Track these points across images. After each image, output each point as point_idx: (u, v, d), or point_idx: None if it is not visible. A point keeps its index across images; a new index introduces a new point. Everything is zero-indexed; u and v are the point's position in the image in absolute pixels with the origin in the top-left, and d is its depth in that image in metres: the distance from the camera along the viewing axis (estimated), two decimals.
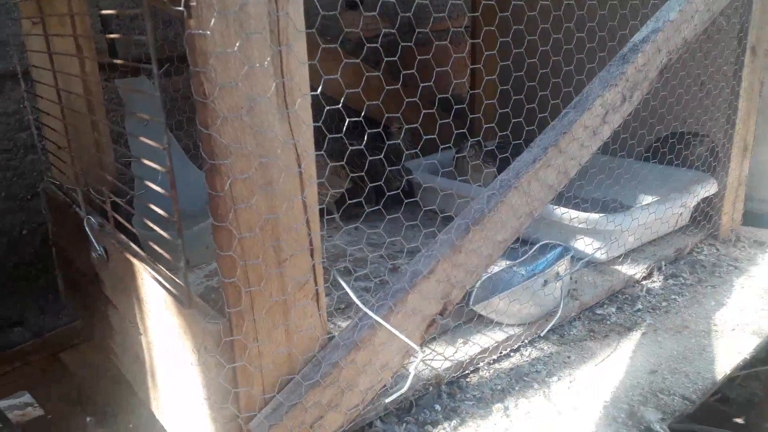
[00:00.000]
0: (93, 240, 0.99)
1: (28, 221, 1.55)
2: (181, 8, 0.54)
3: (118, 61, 0.70)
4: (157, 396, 0.95)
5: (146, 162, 0.74)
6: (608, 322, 1.14)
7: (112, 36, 1.44)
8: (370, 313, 0.77)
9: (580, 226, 1.21)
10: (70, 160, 1.05)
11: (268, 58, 0.60)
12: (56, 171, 1.23)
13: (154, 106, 1.43)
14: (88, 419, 1.22)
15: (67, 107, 0.98)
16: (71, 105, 1.01)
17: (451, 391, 0.94)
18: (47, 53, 0.94)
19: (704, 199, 1.39)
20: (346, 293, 1.13)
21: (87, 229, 1.00)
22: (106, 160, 0.97)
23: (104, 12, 0.69)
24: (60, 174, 1.22)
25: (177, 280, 0.79)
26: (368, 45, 1.69)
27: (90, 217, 1.01)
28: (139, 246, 0.93)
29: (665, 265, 1.33)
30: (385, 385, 0.84)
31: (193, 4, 0.54)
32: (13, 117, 1.48)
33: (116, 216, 0.89)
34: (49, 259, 1.54)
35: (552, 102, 0.97)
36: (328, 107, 0.79)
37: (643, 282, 1.28)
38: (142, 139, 0.72)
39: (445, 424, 0.87)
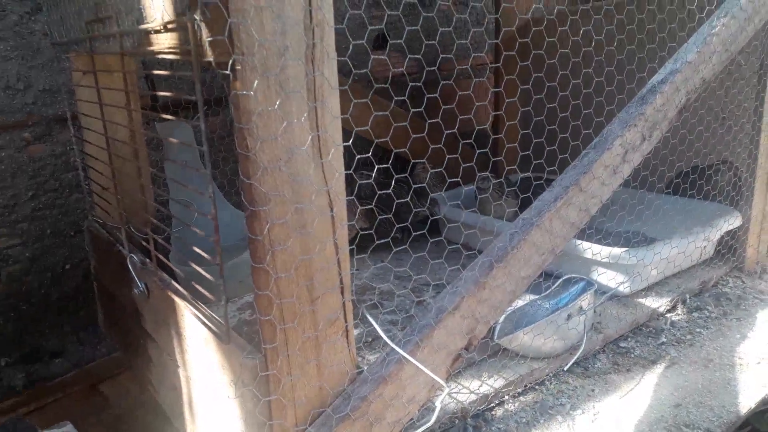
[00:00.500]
0: (135, 277, 1.05)
1: (71, 257, 1.63)
2: (227, 72, 0.60)
3: (166, 94, 0.76)
4: (194, 427, 0.99)
5: (186, 203, 0.79)
6: (632, 355, 1.15)
7: (160, 94, 1.53)
8: (398, 349, 0.80)
9: (603, 260, 1.23)
10: (114, 201, 1.12)
11: (305, 114, 0.65)
12: (100, 210, 1.31)
13: (191, 149, 1.50)
14: None
15: (113, 153, 1.05)
16: (117, 151, 1.08)
17: (476, 424, 0.97)
18: (98, 104, 1.02)
19: (728, 232, 1.40)
20: (383, 323, 1.18)
21: (129, 266, 1.06)
22: (149, 202, 1.03)
23: (156, 72, 0.75)
24: (103, 213, 1.29)
25: (215, 316, 0.83)
26: (392, 83, 1.76)
27: (133, 255, 1.07)
28: (177, 282, 0.99)
29: (690, 298, 1.34)
30: (411, 418, 0.87)
31: (239, 68, 0.60)
32: (60, 158, 1.57)
33: (158, 255, 0.95)
34: (89, 294, 1.62)
35: (572, 143, 1.01)
36: (358, 156, 0.84)
37: (668, 315, 1.29)
38: (185, 185, 0.77)
39: None
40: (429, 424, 0.86)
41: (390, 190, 0.81)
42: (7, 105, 1.47)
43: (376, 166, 0.75)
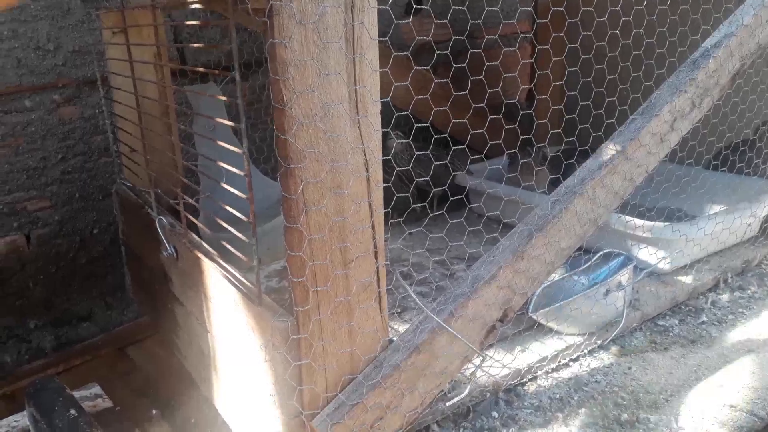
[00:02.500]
0: (164, 239, 1.03)
1: (99, 221, 1.63)
2: (265, 19, 0.56)
3: (199, 69, 0.73)
4: (220, 391, 0.98)
5: (218, 163, 0.77)
6: (671, 334, 1.11)
7: (195, 45, 1.50)
8: (433, 316, 0.78)
9: (644, 235, 1.18)
10: (144, 162, 1.10)
11: (343, 66, 0.62)
12: (129, 173, 1.30)
13: (220, 112, 1.48)
14: (153, 412, 1.27)
15: (143, 111, 1.03)
16: (147, 110, 1.06)
17: (508, 399, 0.94)
18: (128, 61, 0.99)
19: None
20: (406, 296, 1.15)
21: (158, 228, 1.04)
22: (179, 161, 1.01)
23: (190, 23, 0.72)
24: (132, 176, 1.28)
25: (245, 279, 0.81)
26: (429, 50, 1.70)
27: (162, 217, 1.05)
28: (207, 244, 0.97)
29: (732, 277, 1.29)
30: (443, 390, 0.85)
31: (276, 14, 0.56)
32: (90, 122, 1.56)
33: (188, 216, 0.93)
34: (117, 258, 1.62)
35: (619, 108, 0.96)
36: (397, 113, 0.81)
37: (708, 294, 1.24)
38: (219, 143, 0.75)
39: (503, 431, 0.87)
40: (462, 396, 0.83)
41: (429, 151, 0.78)
42: (37, 66, 1.46)
43: (415, 126, 0.71)
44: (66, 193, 1.57)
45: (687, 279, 1.24)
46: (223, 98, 0.70)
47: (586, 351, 1.05)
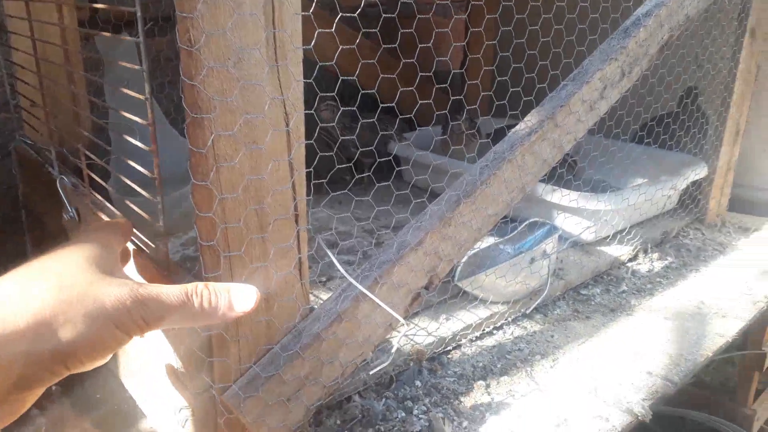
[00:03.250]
0: (65, 201, 0.95)
1: None
2: None
3: (103, 6, 0.65)
4: (127, 365, 0.91)
5: (126, 116, 0.70)
6: (593, 303, 1.13)
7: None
8: (356, 284, 0.74)
9: (569, 204, 1.19)
10: (44, 116, 1.00)
11: (261, 6, 0.56)
12: (29, 129, 1.18)
13: (135, 66, 1.37)
14: (53, 388, 1.17)
15: (42, 58, 0.93)
16: (47, 56, 0.95)
17: (432, 367, 0.92)
18: (24, 0, 0.89)
19: (693, 183, 1.38)
20: (328, 265, 1.11)
21: (60, 189, 0.95)
22: (83, 115, 0.92)
23: None
24: (33, 132, 1.16)
25: (152, 244, 0.75)
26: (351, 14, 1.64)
27: (63, 177, 0.96)
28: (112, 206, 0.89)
29: (651, 248, 1.32)
30: (365, 359, 0.82)
31: None
32: None
33: (91, 175, 0.85)
34: (17, 224, 1.49)
35: (551, 72, 0.94)
36: (320, 63, 0.75)
37: (629, 264, 1.27)
38: (125, 91, 0.67)
39: (426, 400, 0.85)
40: (385, 365, 0.81)
41: (355, 107, 0.73)
42: None
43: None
44: None
45: (609, 249, 1.27)
46: (128, 38, 0.62)
47: (510, 319, 1.04)
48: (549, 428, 0.79)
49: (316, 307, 0.76)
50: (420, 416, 0.81)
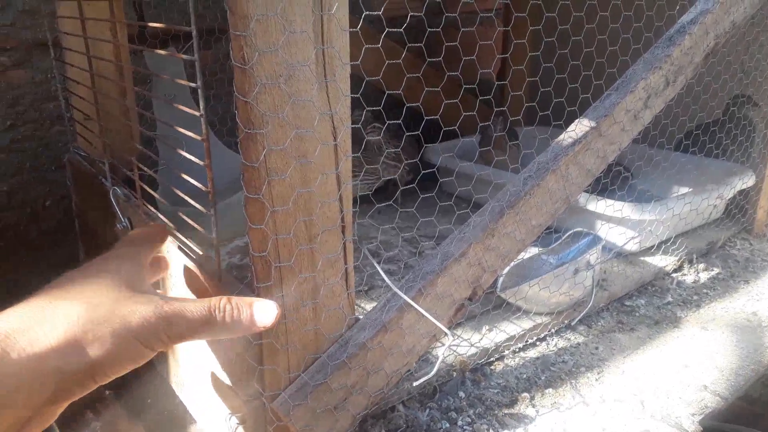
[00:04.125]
0: (118, 211, 0.98)
1: (51, 193, 1.55)
2: None
3: (157, 25, 0.68)
4: (178, 371, 0.94)
5: (177, 129, 0.72)
6: (637, 314, 1.11)
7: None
8: (401, 294, 0.75)
9: (613, 215, 1.18)
10: (98, 129, 1.04)
11: (310, 24, 0.58)
12: (82, 141, 1.23)
13: (181, 78, 1.41)
14: (106, 392, 1.21)
15: (97, 74, 0.96)
16: (100, 71, 0.99)
17: (475, 378, 0.92)
18: (79, 18, 0.93)
19: (740, 192, 1.35)
20: (373, 274, 1.12)
21: (112, 199, 0.99)
22: (135, 128, 0.95)
23: None
24: (86, 144, 1.21)
25: (204, 254, 0.77)
26: (393, 28, 1.66)
27: (116, 188, 1.00)
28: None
29: (696, 258, 1.29)
30: (409, 370, 0.82)
31: None
32: (41, 87, 1.47)
33: (144, 186, 0.88)
34: (70, 231, 1.54)
35: (595, 83, 0.94)
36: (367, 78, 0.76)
37: (674, 275, 1.24)
38: (178, 107, 0.70)
39: (470, 411, 0.85)
40: (430, 375, 0.81)
41: (400, 120, 0.74)
42: None
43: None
44: (15, 162, 1.49)
45: (653, 260, 1.24)
46: (182, 56, 0.64)
47: (553, 331, 1.04)
48: None
49: (360, 316, 0.77)
50: (464, 427, 0.81)
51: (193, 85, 0.60)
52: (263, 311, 0.61)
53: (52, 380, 0.48)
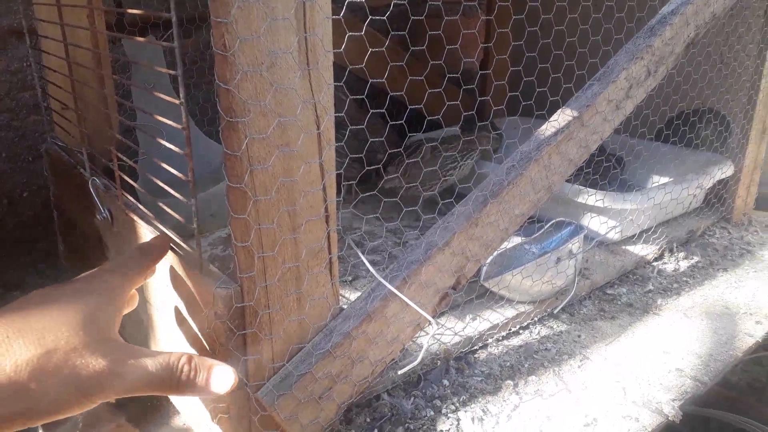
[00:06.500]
0: (97, 202, 0.96)
1: (29, 184, 1.52)
2: None
3: (136, 12, 0.66)
4: None
5: (156, 118, 0.71)
6: (619, 303, 1.12)
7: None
8: (385, 283, 0.75)
9: (594, 204, 1.18)
10: (75, 118, 1.02)
11: (292, 11, 0.57)
12: (60, 131, 1.20)
13: (160, 65, 1.39)
14: None
15: (74, 62, 0.95)
16: (77, 59, 0.97)
17: (459, 367, 0.93)
18: (56, 5, 0.91)
19: (719, 181, 1.36)
20: (357, 264, 1.12)
21: (91, 190, 0.97)
22: (114, 117, 0.94)
23: None
24: (64, 134, 1.19)
25: (185, 245, 0.76)
26: (375, 16, 1.65)
27: (95, 178, 0.98)
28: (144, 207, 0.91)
29: (677, 247, 1.31)
30: (394, 359, 0.82)
31: None
32: (17, 76, 1.44)
33: (123, 176, 0.86)
34: (48, 223, 1.52)
35: (577, 72, 0.94)
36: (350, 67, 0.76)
37: (655, 263, 1.26)
38: (159, 95, 0.69)
39: (454, 399, 0.86)
40: (414, 364, 0.81)
41: (384, 109, 0.73)
42: None
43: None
44: None
45: (634, 249, 1.26)
46: (162, 44, 0.63)
47: (536, 319, 1.04)
48: (578, 428, 0.79)
49: (344, 306, 0.77)
50: (449, 415, 0.82)
51: (173, 72, 0.59)
52: (219, 378, 0.59)
53: None
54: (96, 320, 0.55)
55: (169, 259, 0.75)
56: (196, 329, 0.72)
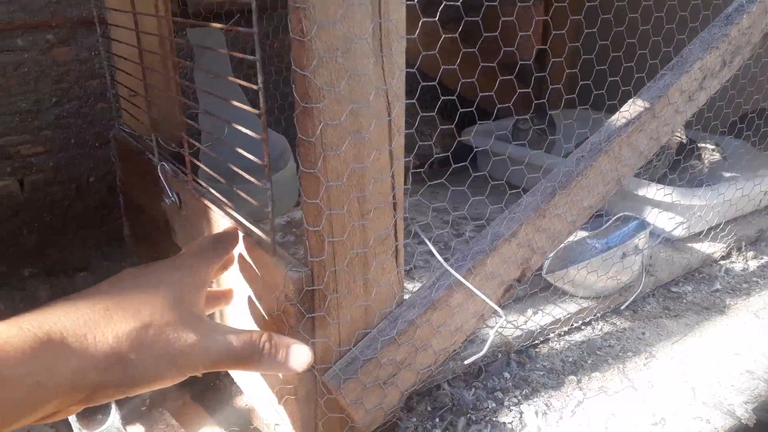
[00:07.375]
0: (166, 186, 0.99)
1: (96, 169, 1.57)
2: None
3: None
4: None
5: (232, 103, 0.72)
6: (685, 301, 1.09)
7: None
8: (452, 271, 0.74)
9: (662, 199, 1.15)
10: (145, 105, 1.05)
11: None
12: (128, 117, 1.24)
13: (224, 61, 1.41)
14: None
15: (145, 50, 0.97)
16: (147, 47, 1.00)
17: (520, 360, 0.92)
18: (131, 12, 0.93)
19: None
20: (413, 254, 1.11)
21: (160, 174, 1.00)
22: (181, 101, 0.96)
23: None
24: (132, 120, 1.22)
25: (254, 228, 0.77)
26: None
27: (164, 163, 1.00)
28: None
29: (745, 246, 1.26)
30: (456, 350, 0.82)
31: None
32: (85, 65, 1.49)
33: (194, 161, 0.88)
34: (114, 208, 1.57)
35: (637, 75, 0.92)
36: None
37: (722, 262, 1.21)
38: (233, 80, 0.70)
39: (516, 392, 0.85)
40: (480, 354, 0.81)
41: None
42: (30, 2, 1.38)
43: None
44: (61, 138, 1.51)
45: (701, 246, 1.22)
46: (240, 29, 0.64)
47: (599, 315, 1.02)
48: (646, 427, 0.77)
49: (405, 295, 0.77)
50: (511, 408, 0.81)
51: (251, 57, 0.60)
52: (297, 356, 0.61)
53: (88, 388, 0.48)
54: (184, 298, 0.57)
55: (240, 243, 0.77)
56: (264, 312, 0.74)
